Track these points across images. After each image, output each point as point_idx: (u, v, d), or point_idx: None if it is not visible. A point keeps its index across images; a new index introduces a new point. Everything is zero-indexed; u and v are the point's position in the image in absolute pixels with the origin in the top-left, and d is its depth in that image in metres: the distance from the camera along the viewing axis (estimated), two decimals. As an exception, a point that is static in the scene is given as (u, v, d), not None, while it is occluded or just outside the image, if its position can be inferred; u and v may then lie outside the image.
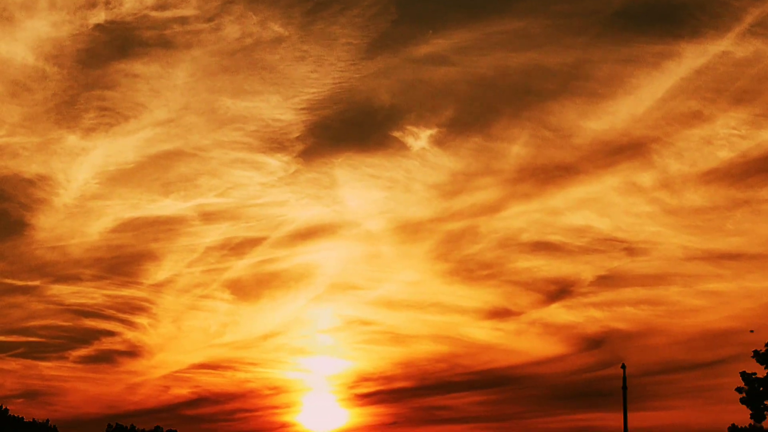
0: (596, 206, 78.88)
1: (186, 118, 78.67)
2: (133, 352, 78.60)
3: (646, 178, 77.37)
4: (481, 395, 79.47)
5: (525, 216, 79.50)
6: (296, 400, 79.69)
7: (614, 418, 73.42)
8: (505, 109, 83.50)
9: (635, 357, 75.54)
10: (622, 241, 78.08)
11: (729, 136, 76.76)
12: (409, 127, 79.65)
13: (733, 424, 55.35)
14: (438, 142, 78.72)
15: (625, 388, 46.40)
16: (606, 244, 78.22)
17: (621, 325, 78.17)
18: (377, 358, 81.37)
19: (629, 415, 46.52)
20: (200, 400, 77.42)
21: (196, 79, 78.80)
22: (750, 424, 52.23)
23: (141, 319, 78.95)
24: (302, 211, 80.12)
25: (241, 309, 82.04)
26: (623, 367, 46.76)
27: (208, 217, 79.61)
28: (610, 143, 77.49)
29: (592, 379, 77.85)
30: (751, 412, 35.86)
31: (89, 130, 76.78)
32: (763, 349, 35.48)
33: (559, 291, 79.68)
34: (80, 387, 76.71)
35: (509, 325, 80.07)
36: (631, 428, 49.68)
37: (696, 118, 77.30)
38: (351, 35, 75.88)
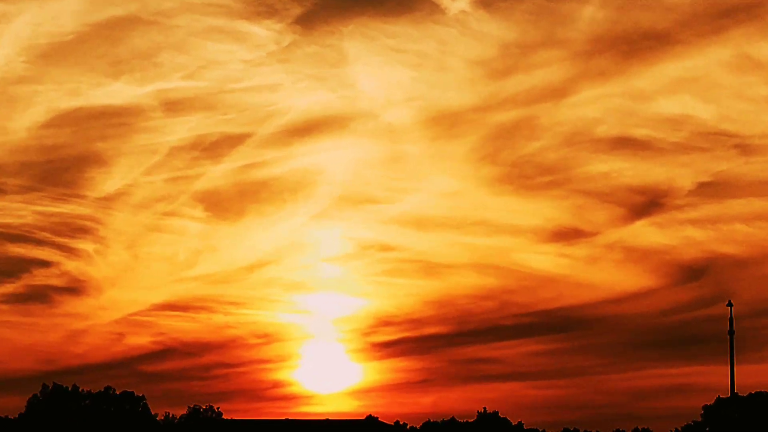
0: (697, 88, 73.26)
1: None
2: (74, 288, 71.41)
3: (765, 49, 70.83)
4: (540, 344, 74.42)
5: (601, 102, 72.91)
6: (293, 352, 73.65)
7: (718, 372, 67.06)
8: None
9: (746, 291, 72.87)
10: (732, 136, 72.18)
11: None
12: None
13: None
14: (483, 1, 74.15)
15: (732, 332, 39.03)
16: (710, 139, 72.44)
17: (729, 249, 73.88)
18: (402, 295, 73.31)
19: (737, 369, 39.21)
20: (165, 351, 69.43)
21: None
22: None
23: (84, 245, 71.28)
24: (300, 97, 71.85)
25: (218, 230, 76.77)
26: (730, 305, 39.35)
27: (173, 107, 71.50)
28: (717, 4, 71.23)
29: (690, 321, 74.35)
30: None
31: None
32: None
33: (647, 204, 73.94)
34: (6, 335, 70.73)
35: (579, 250, 73.52)
36: (740, 385, 41.97)
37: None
38: None
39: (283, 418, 59.20)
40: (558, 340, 75.01)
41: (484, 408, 59.70)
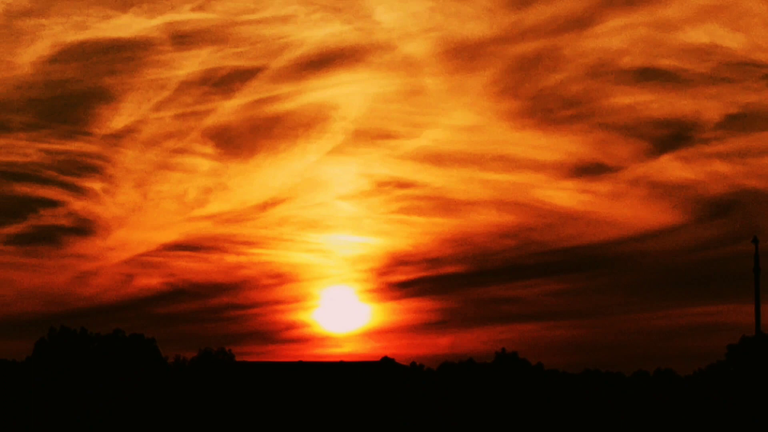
0: (726, 17, 70.74)
1: None
2: (82, 228, 69.52)
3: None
4: (562, 283, 72.20)
5: (626, 32, 70.22)
6: (307, 293, 69.83)
7: (743, 311, 65.24)
8: None
9: (775, 228, 67.30)
10: (761, 66, 69.58)
11: None
12: None
13: None
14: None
15: (757, 270, 37.35)
16: (739, 70, 69.91)
17: (757, 184, 72.09)
18: (419, 234, 72.22)
19: (763, 308, 37.60)
20: (176, 293, 67.00)
21: None
22: None
23: (92, 183, 69.57)
24: (314, 29, 69.87)
25: (229, 167, 73.72)
26: (756, 241, 37.51)
27: (183, 39, 69.30)
28: None
29: (716, 258, 72.82)
30: None
31: None
32: None
33: (673, 137, 72.41)
34: (13, 277, 68.36)
35: (602, 186, 72.61)
36: (765, 324, 40.12)
37: None
38: None
39: (297, 360, 56.96)
40: (580, 279, 72.70)
41: (503, 349, 56.45)
